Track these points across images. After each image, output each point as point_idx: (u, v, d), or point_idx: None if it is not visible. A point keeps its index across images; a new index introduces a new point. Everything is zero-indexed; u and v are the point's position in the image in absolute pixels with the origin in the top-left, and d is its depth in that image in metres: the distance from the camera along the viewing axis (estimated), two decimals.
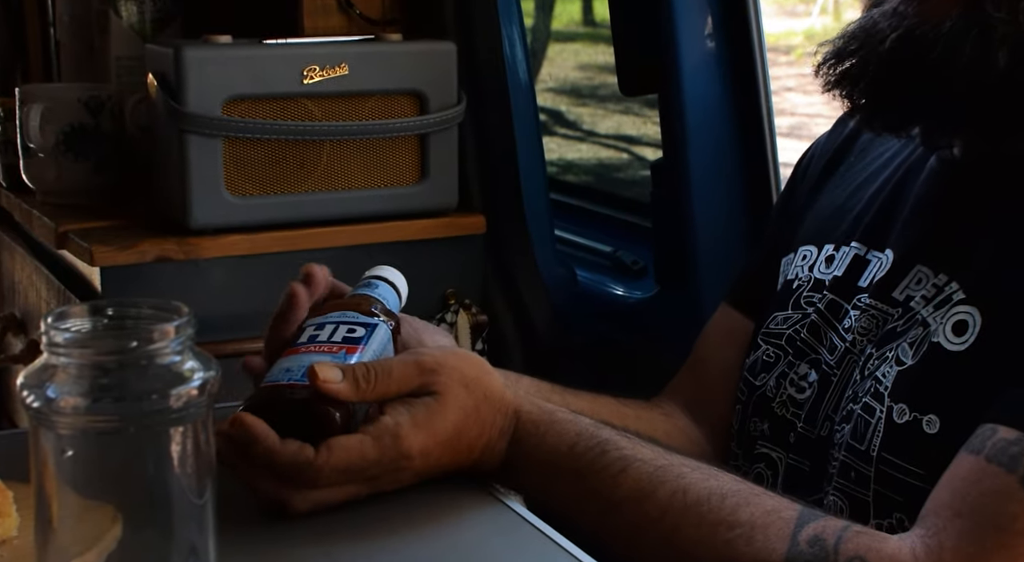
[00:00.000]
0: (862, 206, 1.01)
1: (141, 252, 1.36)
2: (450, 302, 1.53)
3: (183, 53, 1.35)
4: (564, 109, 3.99)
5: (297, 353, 0.84)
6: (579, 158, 3.70)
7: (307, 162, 1.43)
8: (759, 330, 1.04)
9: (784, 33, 12.19)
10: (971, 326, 0.83)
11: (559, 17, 4.16)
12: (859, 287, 0.95)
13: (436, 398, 0.81)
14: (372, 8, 1.55)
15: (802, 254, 1.03)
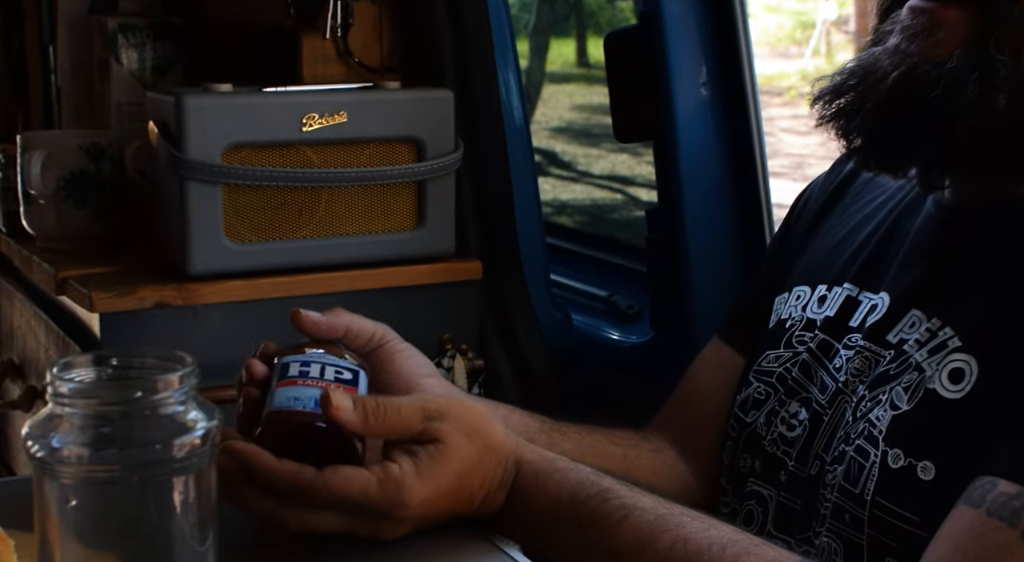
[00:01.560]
0: (855, 248, 1.02)
1: (140, 298, 1.37)
2: (446, 347, 1.53)
3: (184, 101, 1.36)
4: (559, 150, 4.02)
5: (295, 385, 0.85)
6: (573, 199, 3.72)
7: (306, 208, 1.45)
8: (750, 367, 1.05)
9: (777, 74, 12.27)
10: (968, 375, 0.84)
11: (554, 59, 4.19)
12: (850, 327, 0.96)
13: (439, 448, 0.82)
14: (371, 56, 1.57)
15: (796, 294, 1.04)
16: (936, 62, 0.85)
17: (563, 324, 1.65)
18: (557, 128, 4.16)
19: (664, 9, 1.45)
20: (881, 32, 0.90)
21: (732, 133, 1.49)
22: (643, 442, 1.12)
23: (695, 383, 1.14)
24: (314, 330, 0.92)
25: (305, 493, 0.78)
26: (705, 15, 1.48)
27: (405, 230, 1.51)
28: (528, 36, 4.46)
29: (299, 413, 0.82)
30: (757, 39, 11.83)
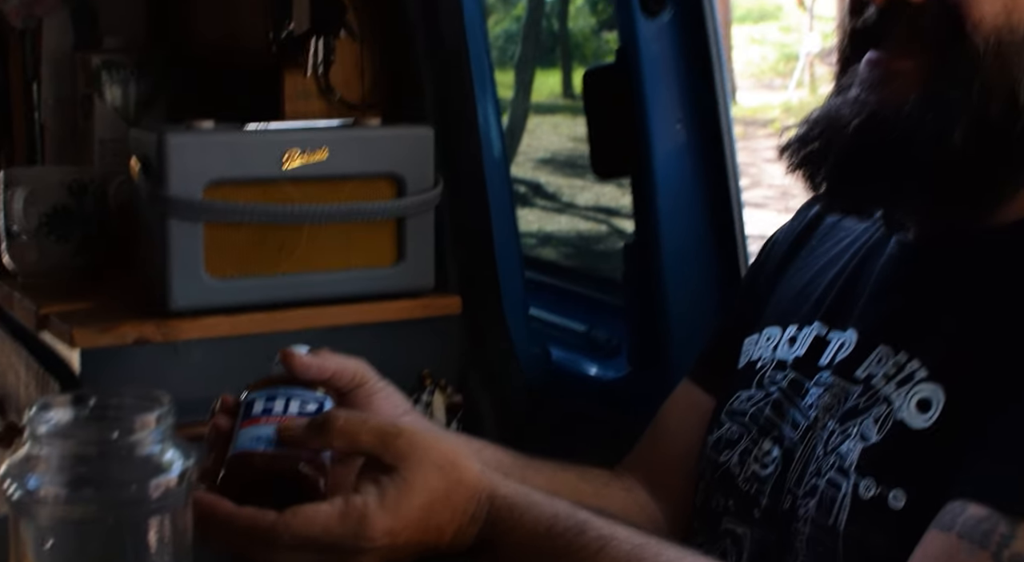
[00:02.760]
0: (823, 288, 1.03)
1: (121, 334, 1.38)
2: (426, 382, 1.54)
3: (166, 138, 1.38)
4: (543, 181, 4.03)
5: (257, 424, 0.85)
6: (558, 230, 3.73)
7: (286, 244, 1.46)
8: (722, 408, 1.06)
9: (761, 106, 12.38)
10: (935, 403, 0.86)
11: (539, 89, 4.22)
12: (819, 366, 0.98)
13: (405, 479, 0.82)
14: (352, 93, 1.59)
15: (766, 335, 1.06)
16: (894, 108, 0.88)
17: (542, 359, 1.66)
18: (542, 159, 4.18)
19: (641, 46, 1.47)
20: (842, 85, 0.93)
21: (708, 169, 1.51)
22: (615, 481, 1.13)
23: (666, 424, 1.16)
24: (303, 373, 0.93)
25: (267, 538, 0.79)
26: (682, 52, 1.50)
27: (385, 266, 1.52)
28: (514, 68, 4.49)
29: (259, 455, 0.83)
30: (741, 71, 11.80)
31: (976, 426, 0.82)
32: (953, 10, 0.86)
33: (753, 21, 15.57)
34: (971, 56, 0.86)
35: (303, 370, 0.93)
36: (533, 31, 4.18)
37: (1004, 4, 0.85)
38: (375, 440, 0.83)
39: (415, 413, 1.03)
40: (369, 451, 0.83)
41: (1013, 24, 0.85)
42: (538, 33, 4.19)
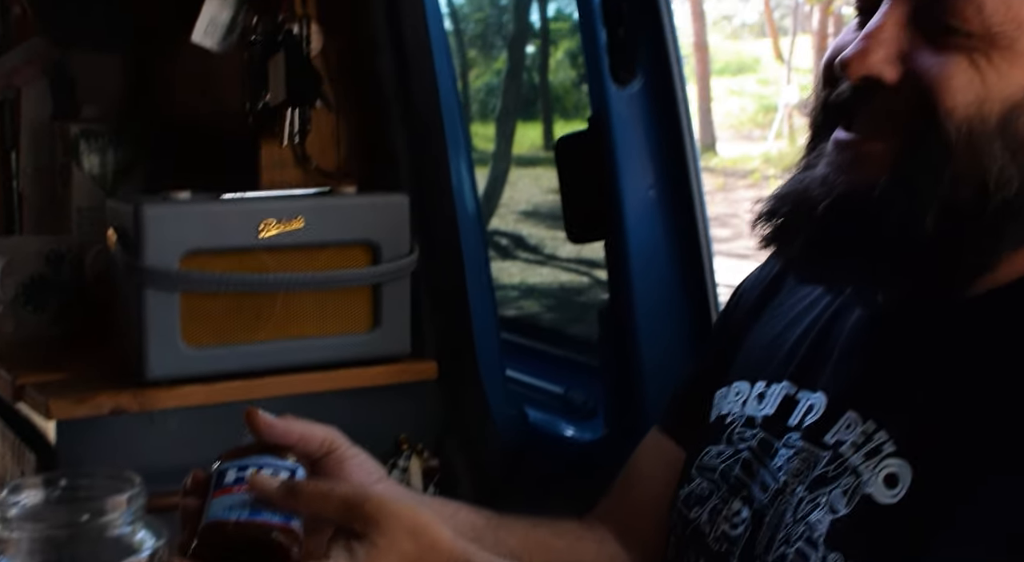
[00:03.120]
0: (792, 344, 1.04)
1: (97, 405, 1.38)
2: (403, 447, 1.55)
3: (142, 209, 1.39)
4: (525, 233, 4.05)
5: (230, 492, 0.86)
6: (540, 282, 3.74)
7: (263, 312, 1.47)
8: (692, 462, 1.07)
9: (741, 157, 12.48)
10: (902, 480, 0.86)
11: (520, 142, 4.25)
12: (788, 426, 0.99)
13: (375, 543, 0.83)
14: (328, 161, 1.61)
15: (735, 389, 1.07)
16: (864, 191, 0.89)
17: (519, 421, 1.66)
18: (524, 211, 4.20)
19: (612, 114, 1.50)
20: (810, 161, 0.94)
21: (680, 233, 1.53)
22: (587, 533, 1.13)
23: (636, 474, 1.16)
24: (267, 432, 0.94)
25: None
26: (652, 119, 1.52)
27: (361, 332, 1.53)
28: (495, 121, 4.52)
29: (232, 523, 0.84)
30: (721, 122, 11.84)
31: (943, 506, 0.83)
32: (926, 96, 0.88)
33: (732, 74, 15.75)
34: (942, 143, 0.87)
35: (266, 430, 0.93)
36: (514, 84, 4.22)
37: (976, 94, 0.87)
38: (343, 507, 0.84)
39: (389, 480, 1.03)
40: (337, 518, 0.84)
41: (984, 114, 0.87)
42: (519, 86, 4.24)
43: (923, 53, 0.88)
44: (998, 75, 0.87)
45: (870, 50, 0.89)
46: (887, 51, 0.89)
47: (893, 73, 0.89)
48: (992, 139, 0.87)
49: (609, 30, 1.46)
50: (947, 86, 0.87)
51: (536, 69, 4.19)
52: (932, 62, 0.88)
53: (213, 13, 1.49)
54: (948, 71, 0.87)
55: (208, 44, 1.53)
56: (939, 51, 0.88)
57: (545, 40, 3.88)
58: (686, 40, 13.80)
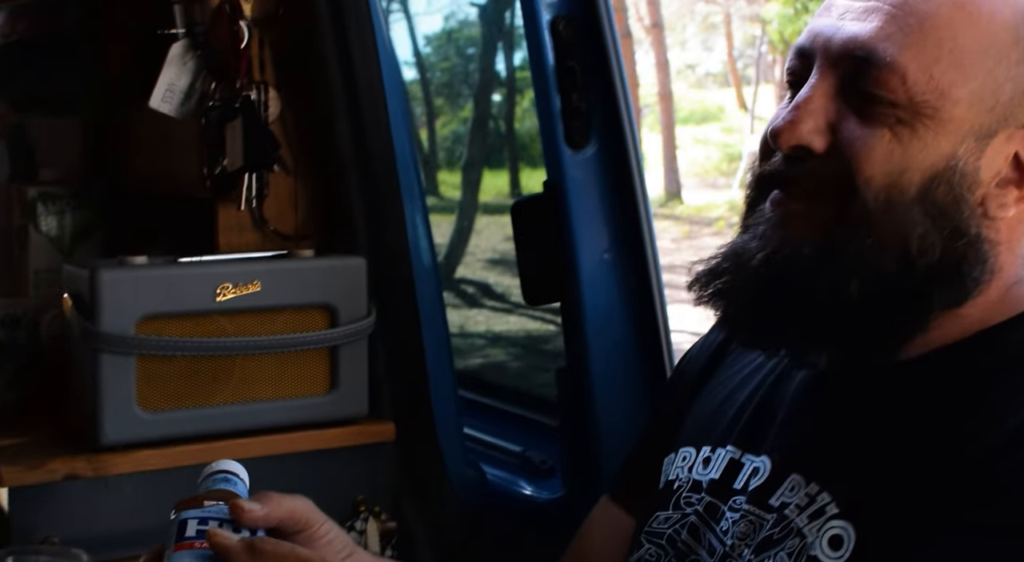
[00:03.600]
0: (737, 409, 1.06)
1: (50, 471, 1.37)
2: (360, 509, 1.55)
3: (98, 275, 1.39)
4: (492, 281, 4.06)
5: (192, 548, 0.86)
6: (507, 331, 3.74)
7: (220, 375, 1.47)
8: (641, 528, 1.08)
9: (706, 205, 12.58)
10: (846, 541, 0.88)
11: (487, 189, 4.27)
12: (734, 489, 1.00)
13: None
14: (286, 224, 1.62)
15: (682, 455, 1.08)
16: (795, 248, 0.92)
17: (477, 481, 1.67)
18: (491, 259, 4.21)
19: (567, 178, 1.52)
20: (747, 223, 0.97)
21: (634, 295, 1.55)
22: None
23: (587, 543, 1.17)
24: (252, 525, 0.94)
25: None
26: (607, 183, 1.55)
27: (319, 394, 1.53)
28: (461, 169, 4.55)
29: None
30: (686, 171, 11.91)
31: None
32: (847, 166, 0.91)
33: (696, 122, 15.92)
34: (862, 212, 0.90)
35: (251, 523, 0.93)
36: (480, 133, 4.25)
37: (897, 164, 0.90)
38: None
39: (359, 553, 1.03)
40: None
41: (904, 183, 0.90)
42: (485, 135, 4.27)
43: (850, 123, 0.91)
44: (921, 145, 0.90)
45: (799, 120, 0.92)
46: (816, 122, 0.92)
47: (821, 143, 0.92)
48: (911, 207, 0.90)
49: (563, 96, 1.48)
50: (867, 157, 0.90)
51: (502, 117, 4.23)
52: (857, 133, 0.91)
53: (171, 79, 1.51)
54: (870, 142, 0.90)
55: (166, 109, 1.54)
56: (865, 122, 0.91)
57: (511, 89, 3.91)
58: (650, 90, 13.96)
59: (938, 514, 0.84)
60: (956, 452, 0.86)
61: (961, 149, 0.90)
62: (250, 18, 1.53)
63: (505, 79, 3.95)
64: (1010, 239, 0.94)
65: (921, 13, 0.90)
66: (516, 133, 4.05)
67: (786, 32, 10.75)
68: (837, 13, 0.94)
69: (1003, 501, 0.82)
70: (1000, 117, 0.91)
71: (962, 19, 0.90)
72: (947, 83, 0.89)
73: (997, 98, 0.90)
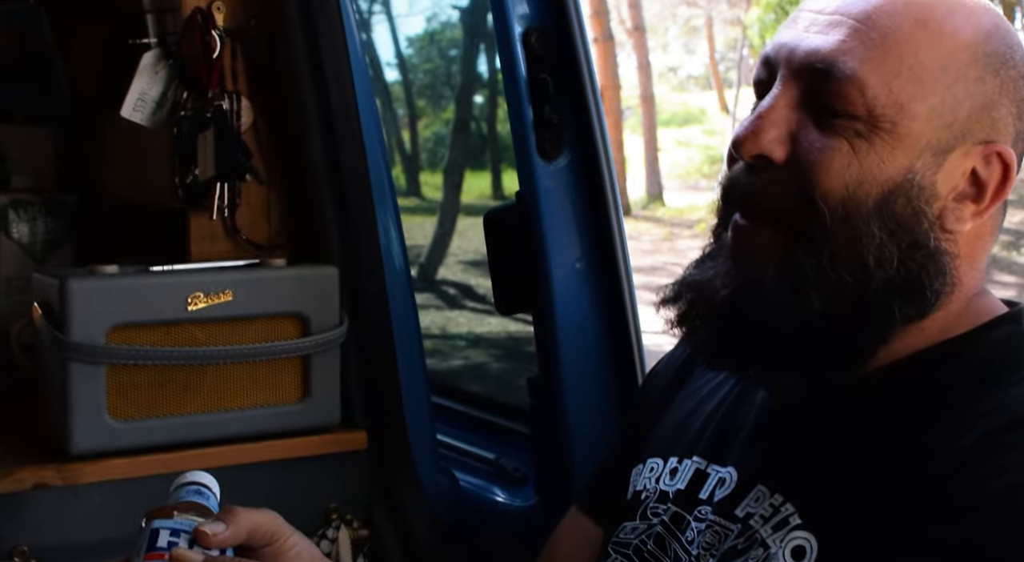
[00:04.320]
0: (703, 420, 1.07)
1: (19, 480, 1.37)
2: (332, 518, 1.55)
3: (68, 284, 1.39)
4: (473, 283, 4.06)
5: (163, 558, 0.87)
6: (488, 332, 3.75)
7: (191, 384, 1.47)
8: (609, 538, 1.09)
9: (687, 207, 12.61)
10: (808, 552, 0.89)
11: (468, 191, 4.27)
12: (700, 499, 1.01)
13: None
14: (258, 233, 1.62)
15: (650, 466, 1.09)
16: (756, 281, 0.93)
17: (450, 489, 1.67)
18: (472, 261, 4.21)
19: (539, 189, 1.53)
20: (712, 250, 0.99)
21: (606, 304, 1.56)
22: None
23: (555, 554, 1.18)
24: (222, 545, 0.94)
25: None
26: (579, 194, 1.55)
27: (291, 403, 1.53)
28: (443, 171, 4.55)
29: None
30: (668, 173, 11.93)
31: None
32: (805, 177, 0.92)
33: (678, 125, 15.96)
34: (820, 225, 0.91)
35: (218, 545, 0.93)
36: (462, 134, 4.26)
37: (854, 177, 0.91)
38: None
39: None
40: None
41: (860, 196, 0.91)
42: (467, 136, 4.27)
43: (810, 134, 0.93)
44: (878, 158, 0.91)
45: (761, 130, 0.93)
46: (777, 132, 0.93)
47: (781, 152, 0.93)
48: (868, 219, 0.91)
49: (535, 108, 1.49)
50: (825, 169, 0.91)
51: (484, 119, 4.24)
52: (816, 144, 0.92)
53: (143, 89, 1.51)
54: (828, 155, 0.91)
55: (137, 119, 1.54)
56: (824, 133, 0.92)
57: (493, 90, 3.92)
58: (632, 92, 13.99)
59: (901, 529, 0.85)
60: (916, 466, 0.87)
61: (918, 163, 0.91)
62: (222, 28, 1.53)
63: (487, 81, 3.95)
64: (970, 253, 0.95)
65: (883, 28, 0.91)
66: (498, 135, 4.05)
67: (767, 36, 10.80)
68: (803, 25, 0.95)
69: (966, 519, 0.83)
70: (958, 133, 0.92)
71: (923, 36, 0.91)
72: (906, 98, 0.91)
73: (955, 115, 0.92)
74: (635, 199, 12.84)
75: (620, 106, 12.69)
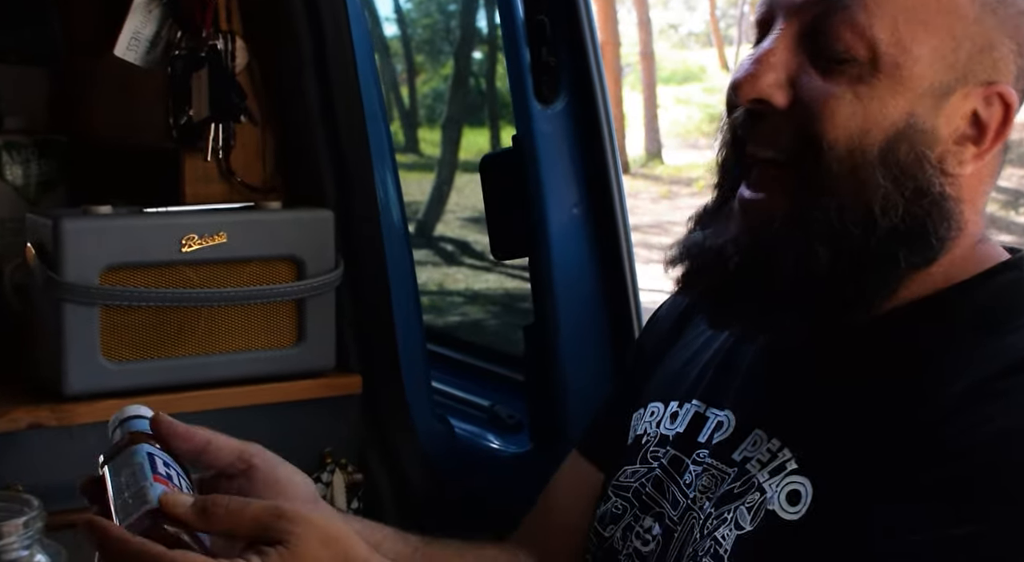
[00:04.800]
0: (703, 364, 1.07)
1: (14, 420, 1.37)
2: (326, 461, 1.55)
3: (61, 224, 1.38)
4: (471, 239, 4.06)
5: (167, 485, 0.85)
6: (486, 288, 3.75)
7: (185, 326, 1.47)
8: (609, 482, 1.09)
9: (687, 165, 12.58)
10: (804, 496, 0.89)
11: (467, 147, 4.26)
12: (698, 442, 1.01)
13: (290, 549, 0.82)
14: (253, 176, 1.61)
15: (650, 410, 1.09)
16: (765, 229, 0.92)
17: (445, 435, 1.67)
18: (470, 218, 4.20)
19: (536, 133, 1.52)
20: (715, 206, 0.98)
21: (603, 250, 1.55)
22: (509, 555, 1.15)
23: (555, 498, 1.18)
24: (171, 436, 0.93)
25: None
26: (576, 138, 1.54)
27: (285, 346, 1.53)
28: (441, 127, 4.53)
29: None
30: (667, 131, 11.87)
31: (841, 521, 0.86)
32: (811, 128, 0.90)
33: (678, 82, 15.87)
34: (827, 175, 0.90)
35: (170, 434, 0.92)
36: (461, 90, 4.24)
37: (859, 125, 0.90)
38: (256, 525, 0.83)
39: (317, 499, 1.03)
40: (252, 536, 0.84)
41: (866, 144, 0.90)
42: (466, 92, 4.25)
43: (811, 78, 0.91)
44: (881, 104, 0.90)
45: (760, 74, 0.92)
46: (776, 75, 0.92)
47: (783, 97, 0.92)
48: (874, 168, 0.90)
49: (533, 51, 1.48)
50: (831, 118, 0.90)
51: (483, 75, 4.21)
52: (819, 91, 0.91)
53: (136, 28, 1.49)
54: (832, 103, 0.90)
55: (131, 58, 1.52)
56: (826, 77, 0.91)
57: (492, 46, 3.89)
58: (632, 49, 13.90)
59: (893, 475, 0.85)
60: (910, 413, 0.87)
61: (920, 107, 0.90)
62: None
63: (486, 36, 3.92)
64: (972, 196, 0.94)
65: None
66: (497, 91, 4.03)
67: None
68: None
69: (955, 464, 0.82)
70: (959, 75, 0.91)
71: None
72: (909, 39, 0.89)
73: (956, 56, 0.91)
74: (634, 157, 12.79)
75: (620, 63, 12.61)
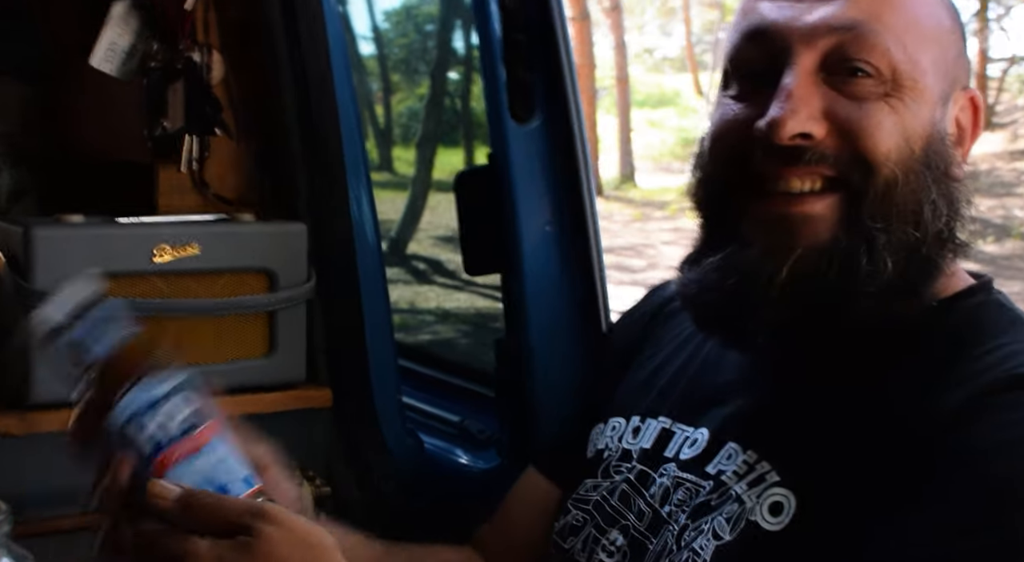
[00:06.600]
0: (668, 379, 1.08)
1: None
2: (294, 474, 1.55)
3: (32, 232, 1.38)
4: (444, 258, 4.06)
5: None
6: (457, 308, 3.75)
7: (155, 337, 1.46)
8: (568, 495, 1.09)
9: (659, 189, 12.64)
10: (786, 508, 0.90)
11: (441, 167, 4.27)
12: (665, 457, 1.02)
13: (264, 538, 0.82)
14: (227, 188, 1.61)
15: (611, 425, 1.10)
16: (821, 248, 0.91)
17: (414, 449, 1.67)
18: (443, 237, 4.21)
19: (511, 151, 1.52)
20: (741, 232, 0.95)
21: (575, 267, 1.56)
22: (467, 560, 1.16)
23: (513, 511, 1.20)
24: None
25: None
26: (550, 156, 1.55)
27: (256, 358, 1.53)
28: (416, 146, 4.54)
29: None
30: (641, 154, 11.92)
31: (824, 532, 0.87)
32: (857, 145, 0.91)
33: (652, 106, 15.96)
34: (884, 187, 0.91)
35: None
36: (435, 110, 4.25)
37: (902, 135, 0.91)
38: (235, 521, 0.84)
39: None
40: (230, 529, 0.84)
41: (912, 153, 0.91)
42: (440, 112, 4.26)
43: (843, 104, 0.91)
44: (911, 114, 0.91)
45: (797, 110, 0.90)
46: (809, 109, 0.91)
47: (821, 129, 0.91)
48: (922, 174, 0.91)
49: (509, 69, 1.49)
50: (877, 133, 0.90)
51: (458, 95, 4.22)
52: (856, 112, 0.91)
53: (112, 38, 1.49)
54: (874, 119, 0.91)
55: (107, 69, 1.52)
56: (857, 101, 0.91)
57: (468, 66, 3.90)
58: (608, 72, 13.98)
59: (882, 487, 0.86)
60: (898, 426, 0.87)
61: (936, 114, 0.93)
62: None
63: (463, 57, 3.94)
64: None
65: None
66: (472, 111, 4.04)
67: None
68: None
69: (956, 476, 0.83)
70: (952, 82, 0.95)
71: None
72: (916, 53, 0.92)
73: (947, 65, 0.94)
74: (607, 179, 12.85)
75: (595, 86, 12.68)
